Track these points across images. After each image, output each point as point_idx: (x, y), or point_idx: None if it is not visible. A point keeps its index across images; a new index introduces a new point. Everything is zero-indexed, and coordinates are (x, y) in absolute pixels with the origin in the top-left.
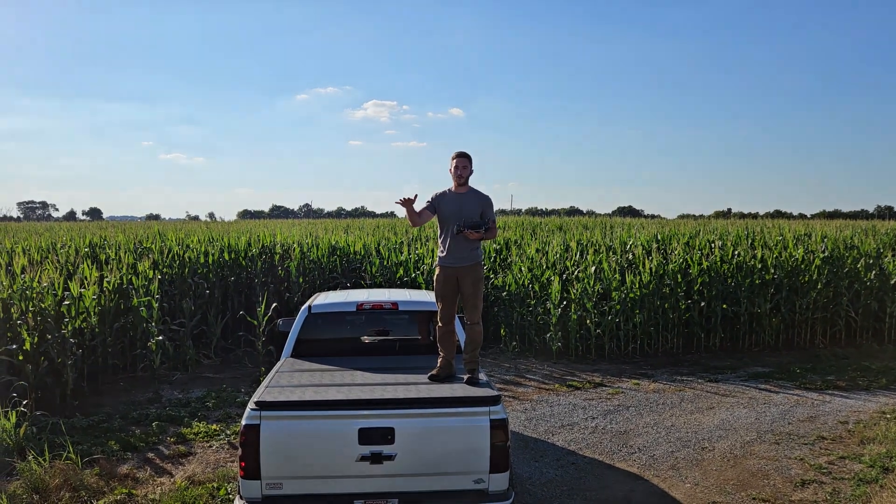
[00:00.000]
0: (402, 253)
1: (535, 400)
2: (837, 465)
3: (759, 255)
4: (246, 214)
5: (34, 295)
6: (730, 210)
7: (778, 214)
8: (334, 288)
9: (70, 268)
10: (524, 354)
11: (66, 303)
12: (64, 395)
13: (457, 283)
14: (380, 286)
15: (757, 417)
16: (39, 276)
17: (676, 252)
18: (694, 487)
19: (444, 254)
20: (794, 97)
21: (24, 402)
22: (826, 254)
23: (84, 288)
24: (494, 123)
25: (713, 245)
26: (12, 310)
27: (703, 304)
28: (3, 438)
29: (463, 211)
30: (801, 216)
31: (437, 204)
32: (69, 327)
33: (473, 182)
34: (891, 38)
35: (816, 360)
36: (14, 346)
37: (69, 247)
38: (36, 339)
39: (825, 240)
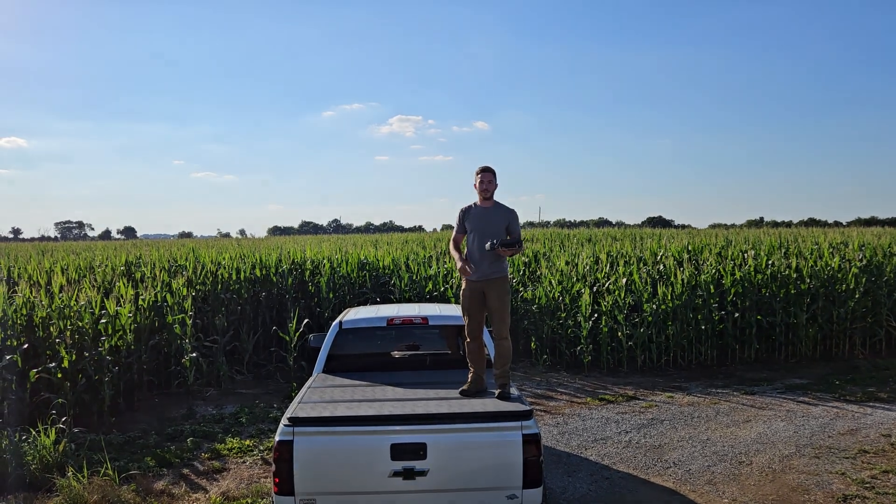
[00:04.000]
0: (430, 267)
1: (567, 414)
2: (881, 480)
3: (793, 265)
4: (276, 231)
5: (72, 313)
6: (762, 219)
7: (812, 222)
8: (364, 303)
9: (107, 286)
10: (555, 368)
11: (103, 321)
12: (101, 411)
13: (483, 296)
14: (409, 301)
15: (795, 431)
16: (77, 295)
17: (709, 262)
18: (732, 503)
19: (471, 268)
20: (827, 103)
21: (63, 419)
22: (864, 262)
23: (120, 306)
24: (520, 135)
25: (746, 255)
26: (51, 328)
27: (736, 315)
28: (43, 455)
29: (489, 225)
30: (837, 224)
31: (464, 219)
32: (106, 345)
33: (500, 193)
34: None
35: (856, 372)
36: (53, 364)
37: (105, 266)
38: (74, 356)
39: (863, 248)
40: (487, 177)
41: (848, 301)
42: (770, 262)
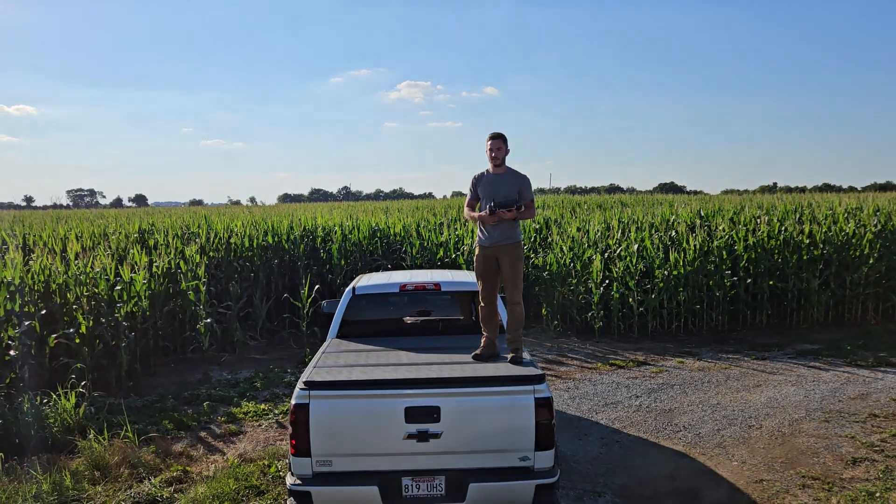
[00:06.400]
0: (441, 234)
1: (577, 378)
2: (890, 443)
3: (807, 230)
4: (286, 198)
5: (88, 280)
6: (775, 184)
7: (826, 188)
8: (376, 270)
9: (121, 253)
10: (566, 334)
11: (118, 287)
12: (119, 376)
13: (496, 262)
14: (420, 267)
15: (806, 395)
16: (92, 262)
17: (721, 228)
18: (741, 465)
19: (484, 234)
20: (840, 67)
21: (82, 384)
22: (878, 227)
23: (135, 273)
24: (530, 101)
25: (759, 220)
26: (68, 294)
27: (749, 280)
28: (64, 418)
29: (500, 192)
30: (852, 189)
31: (476, 186)
32: (122, 311)
33: (511, 161)
34: None
35: (868, 337)
36: (71, 330)
37: (119, 233)
38: (91, 322)
39: (878, 213)
40: (497, 143)
41: (861, 267)
42: (783, 227)
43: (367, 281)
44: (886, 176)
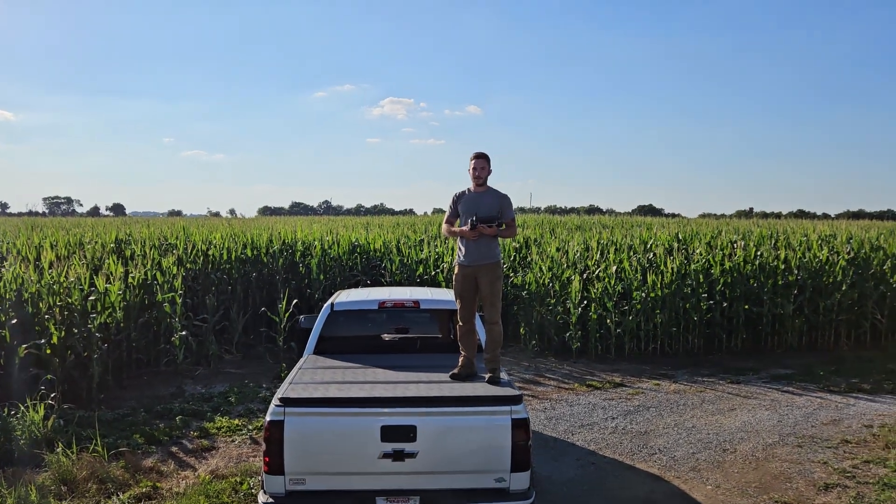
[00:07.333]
0: (421, 251)
1: (554, 399)
2: (862, 470)
3: (782, 256)
4: (266, 211)
5: (61, 290)
6: (752, 209)
7: (801, 214)
8: (355, 285)
9: (96, 263)
10: (543, 353)
11: (93, 298)
12: (90, 388)
13: (476, 282)
14: (400, 284)
15: (779, 420)
16: (67, 272)
17: (699, 252)
18: (715, 489)
19: (463, 253)
20: (817, 95)
21: (52, 395)
22: (851, 255)
23: (110, 283)
24: (512, 120)
25: (736, 245)
26: (40, 304)
27: (724, 304)
28: (32, 430)
29: (481, 210)
30: (825, 216)
31: (457, 203)
32: (95, 322)
33: (492, 180)
34: None
35: (840, 363)
36: (42, 341)
37: (95, 242)
38: (63, 333)
39: (850, 241)
40: (481, 163)
41: (834, 293)
42: (759, 252)
43: (346, 297)
44: (859, 204)
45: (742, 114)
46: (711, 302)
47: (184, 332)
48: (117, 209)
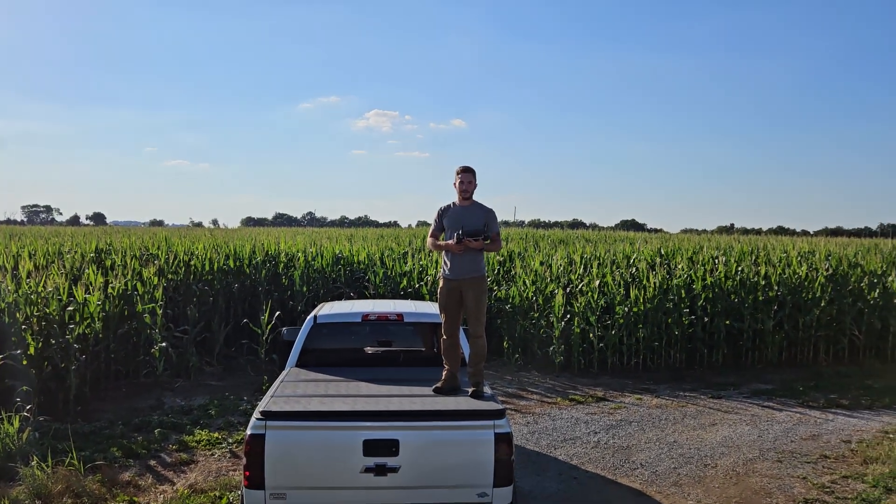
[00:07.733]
0: (406, 263)
1: (537, 413)
2: (840, 485)
3: (762, 272)
4: (249, 221)
5: (39, 300)
6: (732, 225)
7: (781, 230)
8: (338, 298)
9: (75, 273)
10: (527, 367)
11: (71, 308)
12: (67, 400)
13: (460, 295)
14: (383, 297)
15: (759, 435)
16: (45, 281)
17: (681, 267)
18: None
19: (449, 267)
20: (797, 114)
21: (28, 407)
22: (830, 271)
23: (89, 293)
24: (497, 135)
25: (717, 261)
26: (17, 314)
27: (706, 319)
28: (7, 443)
29: (467, 224)
30: (804, 232)
31: (442, 216)
32: (73, 333)
33: (477, 193)
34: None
35: (819, 378)
36: (18, 351)
37: (75, 252)
38: (40, 343)
39: (829, 257)
40: (467, 177)
41: (814, 309)
42: (740, 268)
43: (329, 309)
44: (837, 221)
45: (724, 131)
46: (693, 317)
47: (164, 344)
48: (98, 218)
